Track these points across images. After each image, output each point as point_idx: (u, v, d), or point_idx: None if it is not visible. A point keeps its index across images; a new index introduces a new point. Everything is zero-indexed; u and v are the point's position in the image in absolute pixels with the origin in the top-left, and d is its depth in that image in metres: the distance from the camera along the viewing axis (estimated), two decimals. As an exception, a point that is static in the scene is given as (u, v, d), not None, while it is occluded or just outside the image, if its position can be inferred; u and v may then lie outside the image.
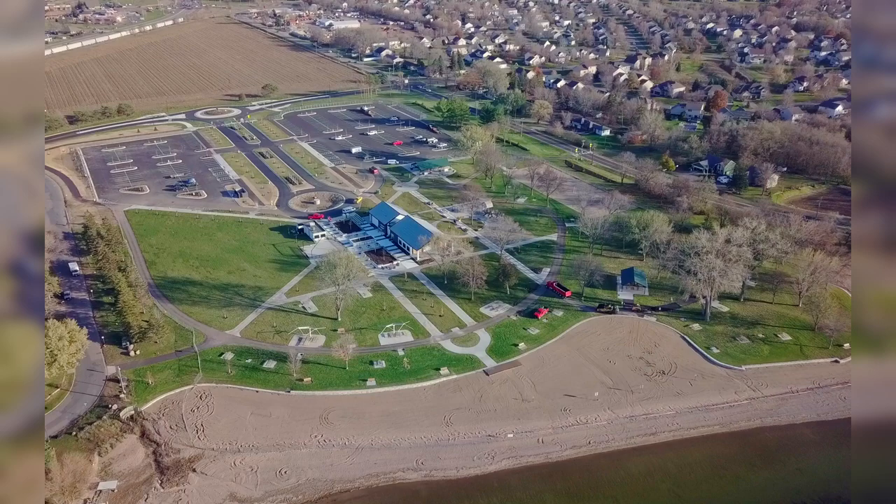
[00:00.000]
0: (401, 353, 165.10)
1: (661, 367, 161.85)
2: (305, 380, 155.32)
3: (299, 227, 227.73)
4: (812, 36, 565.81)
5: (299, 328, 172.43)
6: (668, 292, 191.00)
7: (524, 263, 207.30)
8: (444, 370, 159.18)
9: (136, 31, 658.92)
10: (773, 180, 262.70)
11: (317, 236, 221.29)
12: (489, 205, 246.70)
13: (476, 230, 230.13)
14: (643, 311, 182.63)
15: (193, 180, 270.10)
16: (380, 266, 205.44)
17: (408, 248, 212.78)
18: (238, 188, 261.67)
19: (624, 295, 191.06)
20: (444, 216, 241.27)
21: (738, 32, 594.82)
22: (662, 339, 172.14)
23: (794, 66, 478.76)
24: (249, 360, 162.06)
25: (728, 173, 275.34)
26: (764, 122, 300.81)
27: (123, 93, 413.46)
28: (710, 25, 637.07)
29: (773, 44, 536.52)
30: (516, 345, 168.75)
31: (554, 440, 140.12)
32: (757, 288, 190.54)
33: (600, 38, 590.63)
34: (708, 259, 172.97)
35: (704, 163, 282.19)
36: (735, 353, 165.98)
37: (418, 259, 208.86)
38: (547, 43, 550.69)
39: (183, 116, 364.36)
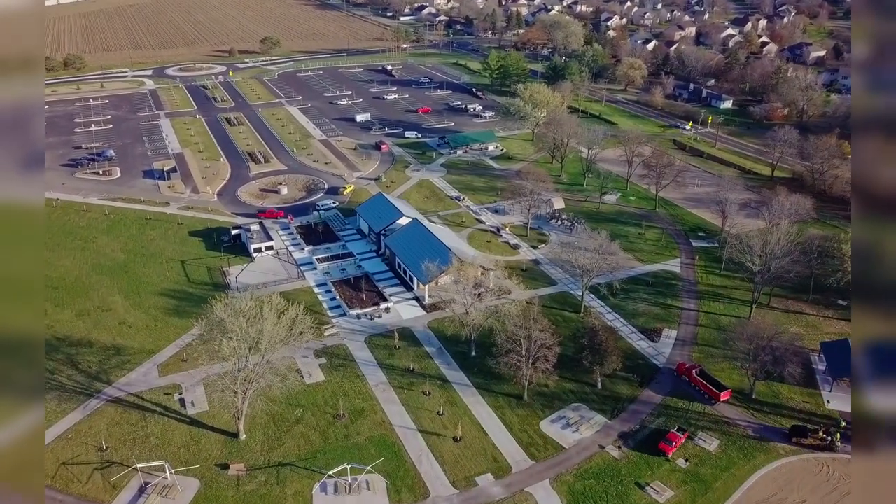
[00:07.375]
0: (353, 548, 70.27)
1: None
2: None
3: (234, 231, 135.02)
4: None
5: (145, 465, 79.04)
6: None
7: (627, 318, 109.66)
8: None
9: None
10: None
11: (258, 249, 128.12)
12: (559, 204, 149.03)
13: (536, 247, 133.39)
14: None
15: (111, 152, 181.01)
16: (354, 312, 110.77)
17: (411, 278, 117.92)
18: (170, 166, 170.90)
19: (838, 401, 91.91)
20: (480, 220, 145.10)
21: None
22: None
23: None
24: (6, 548, 69.67)
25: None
26: None
27: (91, 46, 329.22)
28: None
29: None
30: (625, 538, 71.83)
31: None
32: None
33: (693, 0, 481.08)
34: None
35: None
36: None
37: (426, 300, 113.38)
38: (628, 3, 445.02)
39: (149, 73, 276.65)
